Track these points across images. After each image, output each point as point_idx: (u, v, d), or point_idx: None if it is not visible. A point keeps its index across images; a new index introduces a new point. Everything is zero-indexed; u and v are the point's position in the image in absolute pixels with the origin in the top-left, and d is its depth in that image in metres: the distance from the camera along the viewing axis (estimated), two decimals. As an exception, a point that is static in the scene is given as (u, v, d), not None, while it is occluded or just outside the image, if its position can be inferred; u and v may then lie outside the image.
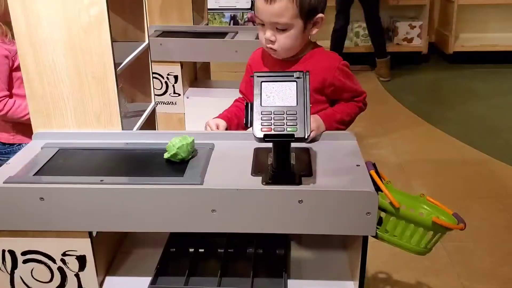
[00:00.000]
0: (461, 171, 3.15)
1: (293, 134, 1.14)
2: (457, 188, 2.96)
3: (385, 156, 3.35)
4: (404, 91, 4.60)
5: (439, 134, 3.70)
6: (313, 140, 1.44)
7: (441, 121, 3.90)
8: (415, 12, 5.31)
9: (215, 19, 5.37)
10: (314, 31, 1.55)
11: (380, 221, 1.28)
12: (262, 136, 1.14)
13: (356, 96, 1.61)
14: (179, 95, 2.95)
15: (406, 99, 4.38)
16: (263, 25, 1.50)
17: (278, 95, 1.17)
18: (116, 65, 1.48)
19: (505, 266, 2.28)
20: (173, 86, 2.93)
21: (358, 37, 5.19)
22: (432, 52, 5.35)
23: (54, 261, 1.31)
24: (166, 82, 2.92)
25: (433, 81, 4.96)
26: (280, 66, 1.57)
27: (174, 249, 1.49)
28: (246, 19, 5.36)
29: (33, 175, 1.29)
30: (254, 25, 5.19)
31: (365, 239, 1.26)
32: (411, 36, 5.20)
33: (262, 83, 1.18)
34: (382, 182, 1.27)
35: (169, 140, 1.46)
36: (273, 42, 1.51)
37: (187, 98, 2.97)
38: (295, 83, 1.18)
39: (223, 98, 2.94)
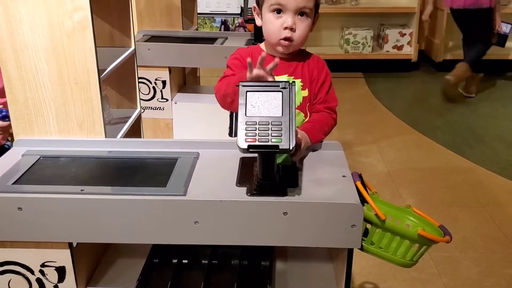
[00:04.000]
0: (449, 180, 3.15)
1: (278, 146, 1.12)
2: (445, 196, 2.95)
3: (373, 164, 3.34)
4: (393, 98, 4.60)
5: (428, 142, 3.70)
6: (301, 157, 1.40)
7: (429, 129, 3.90)
8: (405, 20, 5.33)
9: (205, 23, 5.35)
10: (312, 29, 1.54)
11: (366, 233, 1.27)
12: (246, 147, 1.12)
13: (328, 101, 1.56)
14: (167, 100, 2.93)
15: (395, 106, 4.38)
16: (279, 15, 1.44)
17: (264, 105, 1.15)
18: (100, 71, 1.46)
19: (492, 276, 2.27)
20: (161, 91, 2.91)
21: (349, 44, 5.19)
22: (422, 60, 5.36)
23: (32, 272, 1.28)
24: (154, 87, 2.90)
25: (422, 89, 4.97)
26: (281, 66, 1.50)
27: (157, 260, 1.46)
28: (237, 24, 5.35)
29: (12, 183, 1.25)
30: (245, 30, 5.20)
31: (350, 251, 1.24)
32: (401, 43, 5.21)
33: (247, 92, 1.16)
34: (368, 193, 1.25)
35: (154, 148, 1.44)
36: (293, 31, 1.45)
37: (175, 103, 2.94)
38: (280, 93, 1.17)
39: (212, 104, 2.91)
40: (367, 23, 5.33)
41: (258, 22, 1.53)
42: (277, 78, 1.50)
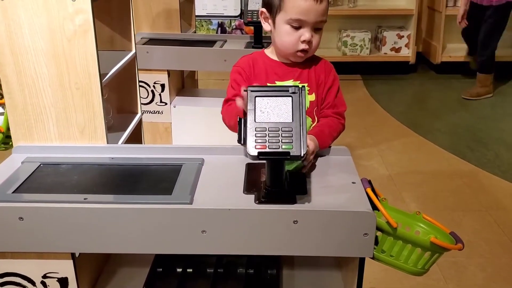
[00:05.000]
0: (451, 183, 3.12)
1: (289, 152, 1.08)
2: (448, 200, 2.92)
3: (375, 167, 3.31)
4: (392, 101, 4.58)
5: (428, 145, 3.67)
6: (312, 166, 1.37)
7: (429, 131, 3.88)
8: (403, 22, 5.31)
9: (202, 26, 5.32)
10: None
11: (376, 240, 1.24)
12: (256, 154, 1.08)
13: (337, 106, 1.54)
14: (166, 104, 2.89)
15: (394, 109, 4.36)
16: (297, 28, 1.43)
17: (273, 111, 1.12)
18: (101, 75, 1.42)
19: (498, 282, 2.24)
20: (160, 95, 2.87)
21: (346, 46, 5.17)
22: (420, 62, 5.35)
23: (34, 283, 1.24)
24: (152, 91, 2.86)
25: (421, 91, 4.95)
26: (286, 71, 1.51)
27: (161, 269, 1.43)
28: (234, 27, 5.32)
29: (12, 192, 1.21)
30: (242, 33, 5.16)
31: (361, 260, 1.21)
32: (398, 45, 5.19)
33: (256, 97, 1.13)
34: (378, 199, 1.22)
35: (157, 154, 1.41)
36: (310, 43, 1.45)
37: (174, 107, 2.91)
38: (290, 98, 1.13)
39: (211, 108, 2.89)
40: (364, 25, 5.31)
41: (266, 27, 1.50)
42: (282, 83, 1.48)
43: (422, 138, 3.78)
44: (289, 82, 1.48)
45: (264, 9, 1.48)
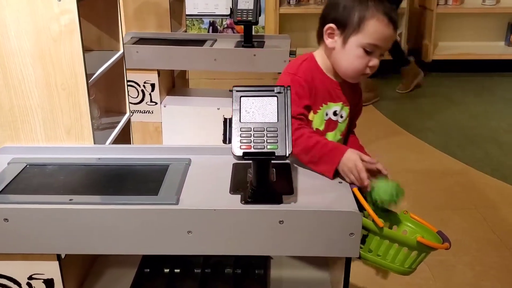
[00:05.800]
0: (442, 182, 3.13)
1: (274, 152, 1.08)
2: (438, 199, 2.93)
3: (365, 166, 3.32)
4: (383, 99, 4.59)
5: (419, 144, 3.68)
6: None
7: (420, 130, 3.89)
8: (394, 21, 5.32)
9: (193, 25, 5.31)
10: None
11: (363, 240, 1.24)
12: (241, 154, 1.08)
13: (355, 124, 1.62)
14: (156, 103, 2.88)
15: (385, 107, 4.37)
16: (369, 52, 1.41)
17: (258, 111, 1.12)
18: (88, 76, 1.41)
19: (487, 280, 2.25)
20: (150, 94, 2.86)
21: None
22: (411, 60, 5.36)
23: (19, 285, 1.24)
24: (142, 91, 2.85)
25: (412, 89, 4.95)
26: (339, 93, 1.51)
27: (149, 270, 1.43)
28: (225, 26, 5.31)
29: (-2, 193, 1.21)
30: (233, 32, 5.16)
31: (348, 260, 1.21)
32: (390, 44, 5.20)
33: (241, 98, 1.13)
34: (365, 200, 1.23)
35: (144, 154, 1.40)
36: (374, 69, 1.45)
37: (164, 106, 2.90)
38: (275, 98, 1.13)
39: (201, 107, 2.89)
40: (356, 24, 5.30)
41: (330, 44, 1.45)
42: (333, 105, 1.50)
43: (413, 136, 3.79)
44: (339, 105, 1.50)
45: (333, 25, 1.44)
